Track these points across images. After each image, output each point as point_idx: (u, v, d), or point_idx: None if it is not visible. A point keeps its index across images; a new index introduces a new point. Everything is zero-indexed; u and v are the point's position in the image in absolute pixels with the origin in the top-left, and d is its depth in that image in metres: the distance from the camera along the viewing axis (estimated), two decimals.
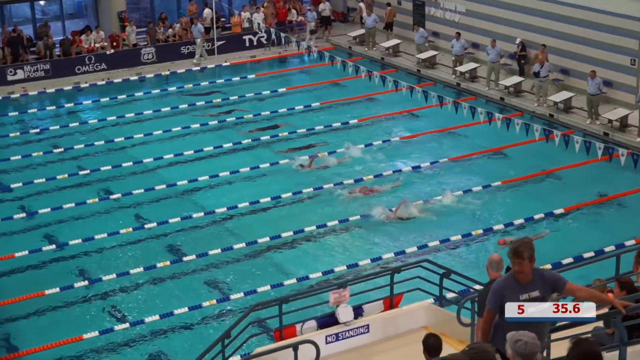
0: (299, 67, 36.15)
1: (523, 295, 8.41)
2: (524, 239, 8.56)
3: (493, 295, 8.58)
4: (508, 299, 8.40)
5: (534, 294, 8.43)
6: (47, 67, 33.65)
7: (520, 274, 8.42)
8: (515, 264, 8.40)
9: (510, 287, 8.46)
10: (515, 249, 8.37)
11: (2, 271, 19.78)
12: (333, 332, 12.37)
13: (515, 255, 8.37)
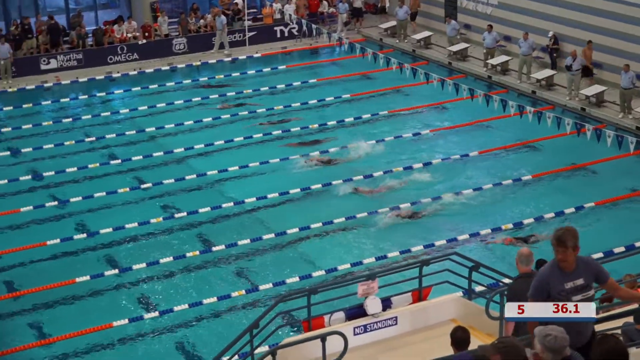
0: (330, 58, 36.13)
1: (568, 284, 8.36)
2: (568, 228, 8.48)
3: (537, 285, 8.49)
4: (553, 288, 8.34)
5: (578, 281, 8.38)
6: (79, 57, 33.89)
7: (563, 263, 8.36)
8: (559, 252, 8.33)
9: (554, 275, 8.40)
10: (559, 237, 8.29)
11: (34, 259, 19.95)
12: (361, 323, 12.38)
13: (559, 244, 8.30)
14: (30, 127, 28.23)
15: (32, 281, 18.92)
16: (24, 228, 21.50)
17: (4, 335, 17.08)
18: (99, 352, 16.47)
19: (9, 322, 17.61)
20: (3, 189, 23.57)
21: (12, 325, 17.51)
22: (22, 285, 18.85)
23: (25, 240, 20.56)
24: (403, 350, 11.93)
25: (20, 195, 23.32)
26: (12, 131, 27.98)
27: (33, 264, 19.83)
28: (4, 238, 20.95)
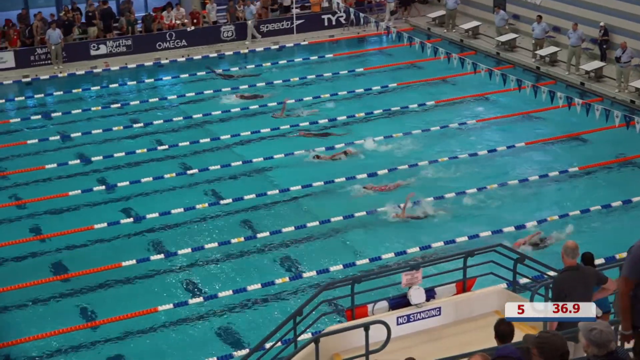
0: (377, 47, 36.06)
1: None
2: None
3: (633, 263, 8.45)
4: None
5: None
6: (129, 43, 34.19)
7: None
8: None
9: None
10: None
11: (82, 242, 20.22)
12: (404, 313, 12.39)
13: None
14: (80, 112, 28.57)
15: (79, 264, 19.18)
16: (72, 212, 21.80)
17: (53, 317, 17.34)
18: (145, 335, 16.67)
19: (57, 304, 17.87)
20: (52, 173, 23.89)
21: (60, 308, 17.77)
22: (70, 268, 19.11)
23: (73, 224, 20.85)
24: (446, 341, 11.92)
25: (69, 179, 23.63)
26: (62, 116, 28.33)
27: (81, 247, 20.10)
28: (53, 221, 21.25)
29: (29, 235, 20.64)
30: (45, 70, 32.57)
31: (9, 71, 32.46)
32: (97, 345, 16.41)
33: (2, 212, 21.75)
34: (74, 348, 16.32)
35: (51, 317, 17.34)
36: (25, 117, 28.54)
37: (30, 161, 24.69)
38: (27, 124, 27.81)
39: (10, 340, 16.42)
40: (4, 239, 20.21)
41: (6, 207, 22.08)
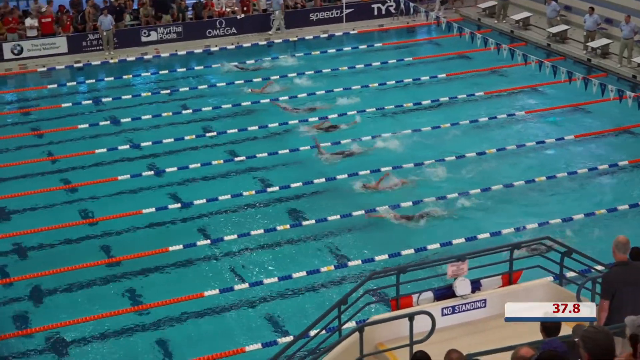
0: (427, 37, 35.90)
1: None
2: None
3: None
4: None
5: None
6: (179, 30, 34.43)
7: None
8: None
9: None
10: None
11: (130, 227, 20.45)
12: (449, 304, 12.38)
13: None
14: (130, 97, 28.84)
15: (127, 248, 19.39)
16: (121, 196, 22.04)
17: (100, 299, 17.56)
18: (191, 320, 16.82)
19: (104, 288, 18.09)
20: (102, 158, 24.17)
21: (107, 291, 17.99)
22: (118, 252, 19.34)
23: (121, 208, 21.09)
24: (491, 333, 11.88)
25: (118, 164, 23.89)
26: (112, 101, 28.62)
27: (129, 231, 20.32)
28: (102, 205, 21.52)
29: (78, 218, 20.92)
30: (96, 56, 32.94)
31: (62, 56, 32.87)
32: (144, 330, 16.59)
33: (53, 196, 22.05)
34: (120, 332, 16.52)
35: (98, 300, 17.54)
36: (77, 102, 28.88)
37: (81, 146, 25.00)
38: (78, 109, 28.14)
39: (59, 322, 16.67)
40: (54, 222, 20.50)
41: (57, 190, 22.38)
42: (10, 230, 20.29)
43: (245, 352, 15.60)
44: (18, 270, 18.68)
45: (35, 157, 24.33)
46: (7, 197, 21.92)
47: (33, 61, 32.46)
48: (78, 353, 15.97)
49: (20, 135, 25.96)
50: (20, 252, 19.52)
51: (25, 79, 31.79)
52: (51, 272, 18.32)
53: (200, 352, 15.62)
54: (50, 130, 26.30)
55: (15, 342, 16.26)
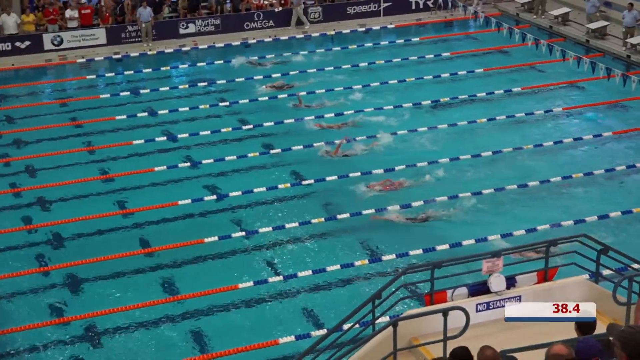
0: (465, 32, 35.74)
1: None
2: None
3: None
4: None
5: None
6: (217, 22, 34.56)
7: None
8: None
9: None
10: None
11: (165, 217, 20.58)
12: (484, 300, 12.31)
13: None
14: (167, 89, 29.02)
15: (162, 239, 19.52)
16: (158, 187, 22.19)
17: (135, 289, 17.70)
18: (226, 312, 16.90)
19: (139, 278, 18.24)
20: (140, 149, 24.35)
21: (142, 281, 18.13)
22: (154, 242, 19.48)
23: (158, 199, 21.24)
24: (525, 330, 11.80)
25: (155, 155, 24.05)
26: (150, 93, 28.82)
27: (164, 222, 20.46)
28: (138, 196, 21.68)
29: (115, 209, 21.10)
30: (135, 48, 33.17)
31: (101, 48, 33.14)
32: (178, 320, 16.69)
33: (91, 186, 22.25)
34: (154, 322, 16.64)
35: (133, 290, 17.69)
36: (115, 93, 29.11)
37: (119, 136, 25.22)
38: (116, 100, 28.36)
39: (94, 311, 16.83)
40: (91, 212, 20.69)
41: (94, 180, 22.58)
42: (48, 220, 20.52)
43: (279, 344, 15.66)
44: (55, 259, 18.89)
45: (73, 147, 24.58)
46: (45, 186, 22.16)
47: (72, 52, 32.76)
48: (112, 342, 16.11)
49: (59, 126, 26.22)
50: (57, 241, 19.72)
51: (65, 69, 32.10)
52: (87, 262, 18.50)
53: (233, 343, 15.69)
54: (88, 121, 26.54)
55: (51, 330, 16.44)
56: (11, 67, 31.74)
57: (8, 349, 15.91)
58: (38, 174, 23.11)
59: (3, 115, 27.42)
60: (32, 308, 17.16)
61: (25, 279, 18.12)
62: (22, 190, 22.18)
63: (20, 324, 16.49)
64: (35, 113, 27.32)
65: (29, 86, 30.32)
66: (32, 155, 24.04)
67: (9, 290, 17.76)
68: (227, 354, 15.43)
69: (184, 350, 15.79)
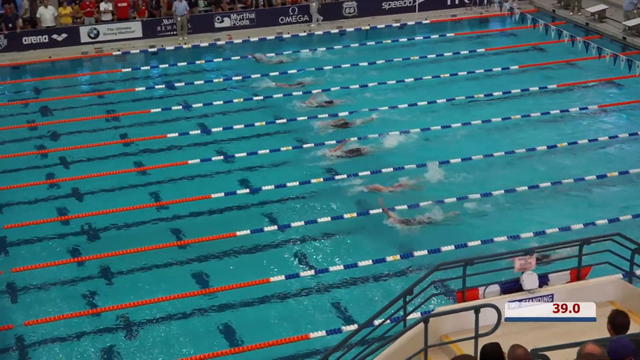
0: (500, 28, 35.54)
1: None
2: None
3: None
4: None
5: None
6: (252, 17, 34.63)
7: None
8: None
9: None
10: None
11: (199, 210, 20.69)
12: (516, 298, 12.26)
13: None
14: (202, 83, 29.12)
15: (195, 232, 19.63)
16: (191, 180, 22.30)
17: (167, 281, 17.82)
18: (257, 306, 16.96)
19: (172, 270, 18.35)
20: (174, 142, 24.48)
21: (175, 273, 18.24)
22: (186, 235, 19.59)
23: (191, 192, 21.36)
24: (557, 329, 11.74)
25: (189, 148, 24.16)
26: (184, 86, 28.95)
27: (198, 215, 20.56)
28: (172, 188, 21.81)
29: (148, 201, 21.24)
30: (170, 41, 33.34)
31: (137, 41, 33.35)
32: (209, 313, 16.79)
33: (125, 178, 22.42)
34: (186, 314, 16.74)
35: (166, 282, 17.81)
36: (150, 86, 29.29)
37: (153, 129, 25.37)
38: (151, 93, 28.54)
39: (127, 302, 16.97)
40: (125, 203, 20.85)
41: (129, 172, 22.74)
42: (82, 211, 20.72)
43: (309, 338, 15.70)
44: (89, 250, 19.06)
45: (108, 140, 24.78)
46: (80, 177, 22.37)
47: (108, 45, 32.98)
48: (144, 333, 16.23)
49: (94, 118, 26.43)
50: (91, 232, 19.89)
51: (101, 62, 32.34)
52: (121, 253, 18.65)
53: (264, 337, 15.76)
54: (123, 114, 26.74)
55: (85, 320, 16.60)
56: (48, 59, 32.02)
57: (43, 338, 16.08)
58: (73, 165, 23.31)
59: (39, 107, 27.68)
60: (67, 298, 17.34)
61: (59, 269, 18.31)
62: (57, 181, 22.40)
63: (54, 314, 16.66)
64: (71, 105, 27.56)
65: (65, 78, 30.59)
66: (68, 147, 24.27)
67: (44, 280, 17.94)
68: (257, 347, 15.50)
69: (214, 342, 15.86)
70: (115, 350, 15.75)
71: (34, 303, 17.21)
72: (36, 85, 29.98)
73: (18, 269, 18.23)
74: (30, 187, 21.98)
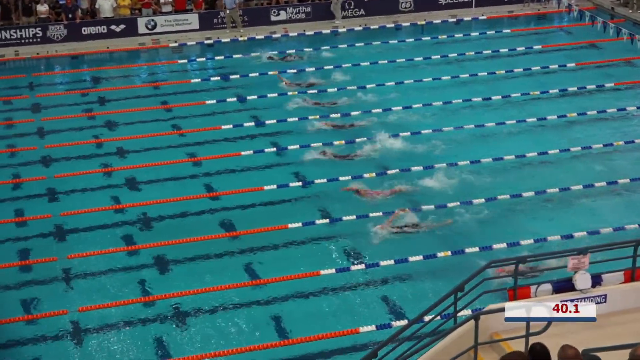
0: (558, 25, 35.18)
1: None
2: None
3: None
4: None
5: None
6: (308, 10, 34.69)
7: None
8: None
9: None
10: None
11: (251, 202, 20.81)
12: (568, 298, 12.17)
13: None
14: (257, 75, 29.21)
15: (247, 223, 19.75)
16: (244, 172, 22.43)
17: (219, 271, 17.96)
18: (306, 298, 17.02)
19: (223, 261, 18.48)
20: (228, 134, 24.64)
21: (226, 264, 18.37)
22: (238, 226, 19.72)
23: (244, 184, 21.50)
24: (609, 330, 11.65)
25: (242, 140, 24.29)
26: (239, 79, 29.10)
27: (249, 207, 20.67)
28: (225, 179, 21.97)
29: (202, 191, 21.42)
30: (226, 33, 33.52)
31: (193, 33, 33.61)
32: (259, 304, 16.87)
33: (179, 168, 22.64)
34: (237, 305, 16.85)
35: (217, 272, 17.94)
36: (205, 78, 29.48)
37: (208, 121, 25.55)
38: (206, 85, 28.74)
39: (178, 291, 17.15)
40: (178, 193, 21.08)
41: (183, 163, 22.95)
42: (137, 200, 20.98)
43: (359, 333, 15.72)
44: (143, 239, 19.29)
45: (163, 130, 25.03)
46: (135, 167, 22.66)
47: (166, 36, 33.30)
48: (195, 323, 16.38)
49: (150, 109, 26.71)
50: (145, 221, 20.12)
51: (158, 53, 32.67)
52: (174, 242, 18.86)
53: (313, 330, 15.80)
54: (178, 105, 26.96)
55: (138, 308, 16.81)
56: (106, 49, 32.42)
57: (97, 324, 16.32)
58: (128, 155, 23.59)
59: (97, 96, 28.05)
60: (120, 285, 17.58)
61: (113, 257, 18.55)
62: (113, 170, 22.69)
63: (108, 301, 16.90)
64: (127, 95, 27.87)
65: (122, 69, 30.96)
66: (124, 137, 24.57)
67: (99, 267, 18.21)
68: (307, 340, 15.56)
69: (263, 334, 15.94)
70: (166, 339, 15.92)
71: (89, 289, 17.47)
72: (94, 75, 30.37)
73: (73, 255, 18.53)
74: (87, 175, 22.31)
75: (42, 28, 32.64)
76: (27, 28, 32.58)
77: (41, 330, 16.17)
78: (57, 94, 28.41)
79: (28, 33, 32.56)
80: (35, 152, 23.82)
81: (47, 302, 17.03)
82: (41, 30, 32.63)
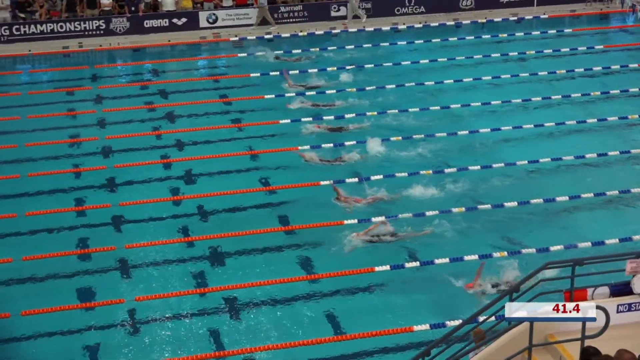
0: (620, 25, 34.70)
1: None
2: None
3: None
4: None
5: None
6: (368, 6, 34.69)
7: None
8: None
9: None
10: None
11: (307, 197, 20.88)
12: (625, 301, 12.02)
13: None
14: (316, 71, 29.21)
15: (303, 218, 19.82)
16: (301, 167, 22.49)
17: (273, 265, 18.07)
18: (360, 295, 17.02)
19: (278, 254, 18.58)
20: (285, 129, 24.74)
21: (281, 257, 18.47)
22: (294, 220, 19.80)
23: (300, 178, 21.62)
24: None
25: (299, 136, 24.31)
26: (298, 74, 29.05)
27: (305, 201, 20.71)
28: (282, 174, 22.09)
29: (258, 185, 21.55)
30: (286, 28, 33.72)
31: (253, 27, 33.79)
32: (313, 299, 16.92)
33: (236, 161, 22.81)
34: (290, 299, 16.91)
35: (271, 266, 18.07)
36: (265, 72, 29.61)
37: (266, 115, 25.69)
38: (265, 80, 28.85)
39: (232, 283, 17.28)
40: (235, 186, 21.24)
41: (240, 156, 23.11)
42: (194, 192, 21.19)
43: (413, 331, 15.69)
44: (199, 231, 19.46)
45: (222, 124, 25.22)
46: (193, 159, 22.86)
47: (226, 30, 33.58)
48: (248, 316, 16.47)
49: (209, 102, 26.93)
50: (202, 213, 20.30)
51: (218, 47, 32.94)
52: (229, 235, 19.01)
53: (366, 327, 15.80)
54: (237, 98, 27.14)
55: (192, 299, 16.97)
56: (167, 42, 32.80)
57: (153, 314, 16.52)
58: (187, 147, 23.81)
59: (157, 89, 28.37)
60: (176, 276, 17.75)
61: (170, 248, 18.77)
62: (171, 161, 22.93)
63: (164, 292, 17.10)
64: (187, 88, 28.14)
65: (183, 62, 31.27)
66: (183, 129, 24.82)
67: (155, 257, 18.43)
68: (361, 336, 15.57)
69: (316, 329, 15.97)
70: (220, 331, 16.04)
71: (146, 279, 17.69)
72: (155, 67, 30.70)
73: (131, 245, 18.78)
74: (146, 166, 22.59)
75: (105, 20, 33.11)
76: (91, 20, 33.08)
77: (98, 318, 16.42)
78: (118, 86, 28.81)
79: (92, 25, 33.06)
80: (96, 142, 24.19)
81: (105, 290, 17.28)
82: (104, 22, 33.11)
